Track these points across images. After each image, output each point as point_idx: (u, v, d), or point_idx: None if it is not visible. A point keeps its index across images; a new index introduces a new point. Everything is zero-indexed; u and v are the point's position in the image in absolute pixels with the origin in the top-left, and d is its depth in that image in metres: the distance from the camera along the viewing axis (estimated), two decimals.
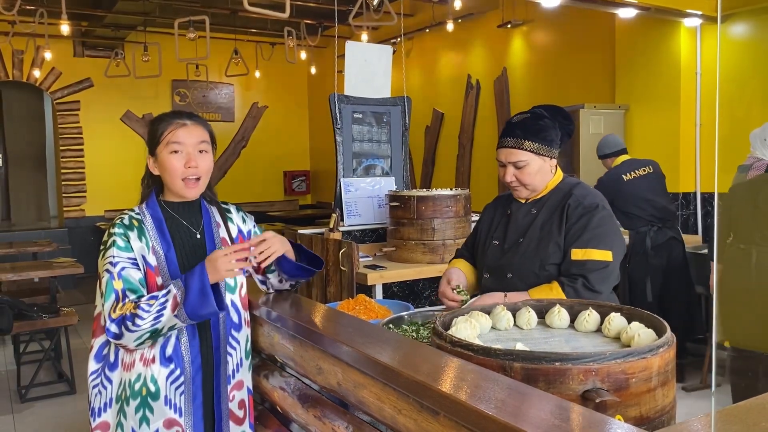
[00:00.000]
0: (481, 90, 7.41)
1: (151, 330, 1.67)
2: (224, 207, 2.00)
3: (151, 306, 1.67)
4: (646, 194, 4.54)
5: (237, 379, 1.89)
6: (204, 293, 1.66)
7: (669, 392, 1.44)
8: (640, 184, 4.56)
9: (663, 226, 4.53)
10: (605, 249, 2.01)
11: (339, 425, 1.62)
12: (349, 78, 4.32)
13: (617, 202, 4.51)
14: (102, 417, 1.81)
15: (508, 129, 2.13)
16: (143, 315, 1.66)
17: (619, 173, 4.60)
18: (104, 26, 8.17)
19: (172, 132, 1.82)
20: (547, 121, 2.12)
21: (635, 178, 4.57)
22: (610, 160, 4.74)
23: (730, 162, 4.32)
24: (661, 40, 5.30)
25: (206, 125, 1.91)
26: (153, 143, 1.86)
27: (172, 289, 1.69)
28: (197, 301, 1.66)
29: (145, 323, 1.66)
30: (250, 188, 10.08)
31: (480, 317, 1.72)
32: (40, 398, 4.51)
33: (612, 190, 4.50)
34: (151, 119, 1.93)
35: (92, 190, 9.21)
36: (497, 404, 1.11)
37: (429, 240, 3.73)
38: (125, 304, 1.69)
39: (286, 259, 1.94)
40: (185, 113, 1.89)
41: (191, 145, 1.83)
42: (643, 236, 4.51)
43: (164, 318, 1.67)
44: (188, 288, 1.67)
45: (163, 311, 1.67)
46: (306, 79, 10.57)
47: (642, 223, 4.52)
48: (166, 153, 1.82)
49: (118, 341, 1.71)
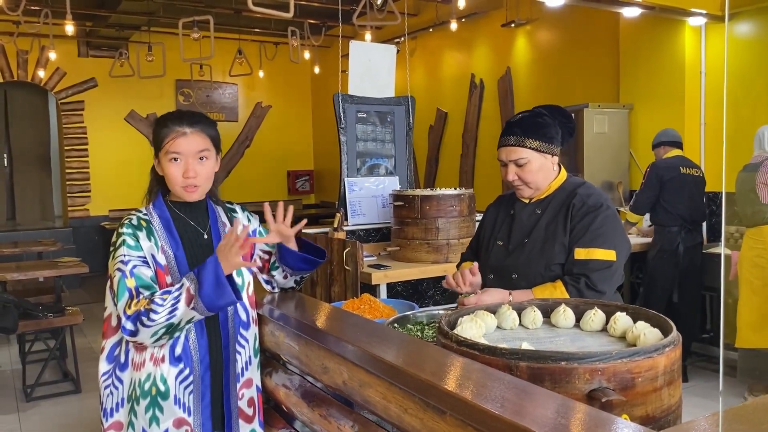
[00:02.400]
0: (485, 89, 7.40)
1: (166, 324, 1.67)
2: (229, 207, 2.00)
3: (165, 300, 1.67)
4: (692, 193, 4.53)
5: (246, 377, 1.89)
6: (219, 283, 1.66)
7: (675, 391, 1.44)
8: (691, 182, 4.55)
9: (693, 230, 4.53)
10: (609, 249, 2.00)
11: (344, 424, 1.62)
12: (353, 78, 4.32)
13: (663, 194, 4.50)
14: (114, 417, 1.81)
15: (508, 128, 2.13)
16: (157, 309, 1.66)
17: (677, 164, 4.57)
18: (108, 26, 8.18)
19: (172, 141, 1.80)
20: (546, 119, 2.12)
21: (690, 175, 4.56)
22: (664, 149, 4.70)
23: (737, 161, 4.32)
24: (665, 39, 5.28)
25: (208, 129, 1.87)
26: (156, 147, 1.86)
27: (185, 282, 1.69)
28: (213, 292, 1.66)
29: (160, 317, 1.66)
30: (253, 188, 10.08)
31: (485, 316, 1.72)
32: (45, 397, 4.52)
33: (667, 179, 4.50)
34: (155, 119, 1.92)
35: (96, 189, 9.23)
36: (503, 403, 1.11)
37: (433, 239, 3.72)
38: (139, 301, 1.69)
39: (289, 251, 1.95)
40: (187, 118, 1.85)
41: (190, 154, 1.81)
42: (674, 236, 4.48)
43: (179, 312, 1.67)
44: (202, 280, 1.67)
45: (177, 304, 1.67)
46: (310, 79, 10.58)
47: (675, 223, 4.49)
48: (166, 160, 1.82)
49: (134, 339, 1.70)
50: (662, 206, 4.54)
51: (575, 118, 5.25)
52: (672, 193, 4.50)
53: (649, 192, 4.58)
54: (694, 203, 4.54)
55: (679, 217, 4.49)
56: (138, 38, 8.65)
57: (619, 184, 5.46)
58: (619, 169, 5.55)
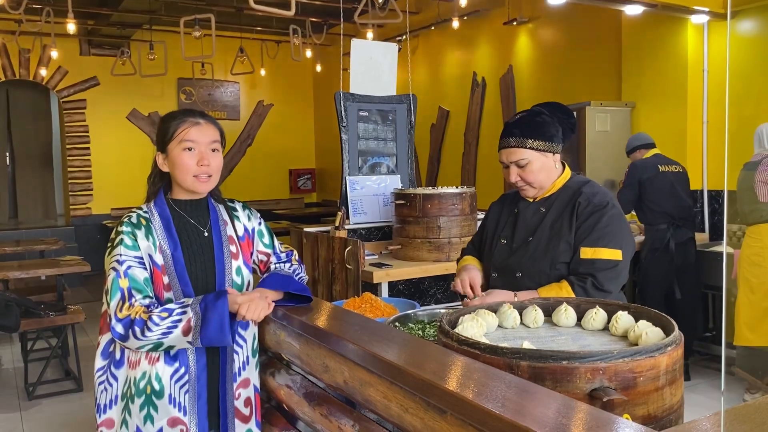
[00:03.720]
0: (487, 88, 7.39)
1: (156, 342, 1.69)
2: (230, 205, 2.00)
3: (164, 320, 1.68)
4: (675, 190, 4.54)
5: (243, 377, 1.89)
6: (222, 329, 1.68)
7: (677, 391, 1.43)
8: (672, 179, 4.56)
9: (683, 226, 4.52)
10: (615, 248, 1.99)
11: (345, 423, 1.62)
12: (355, 76, 4.31)
13: (646, 193, 4.52)
14: (107, 414, 1.82)
15: (507, 129, 2.12)
16: (152, 327, 1.67)
17: (656, 163, 4.60)
18: (110, 25, 8.19)
19: (186, 130, 1.82)
20: (545, 117, 2.10)
21: (669, 172, 4.58)
22: (640, 152, 4.74)
23: (739, 159, 4.30)
24: (668, 37, 5.27)
25: (218, 125, 1.92)
26: (164, 140, 1.85)
27: (189, 312, 1.69)
28: (215, 335, 1.69)
29: (153, 335, 1.67)
30: (255, 186, 10.09)
31: (487, 316, 1.72)
32: (47, 395, 4.53)
33: (645, 178, 4.51)
34: (162, 116, 1.93)
35: (98, 188, 9.24)
36: (504, 403, 1.11)
37: (435, 238, 3.72)
38: (133, 306, 1.69)
39: None
40: (197, 112, 1.90)
41: (204, 143, 1.84)
42: (663, 234, 4.49)
43: (173, 336, 1.68)
44: (209, 319, 1.68)
45: (173, 329, 1.68)
46: (311, 77, 10.57)
47: (663, 220, 4.50)
48: (178, 150, 1.82)
49: (123, 343, 1.72)
50: (647, 205, 4.56)
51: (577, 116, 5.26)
52: (654, 191, 4.52)
53: (627, 191, 4.63)
54: (678, 199, 4.54)
55: (666, 214, 4.51)
56: (140, 37, 8.65)
57: (621, 183, 5.45)
58: (621, 168, 5.52)
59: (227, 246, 1.89)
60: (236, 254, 1.90)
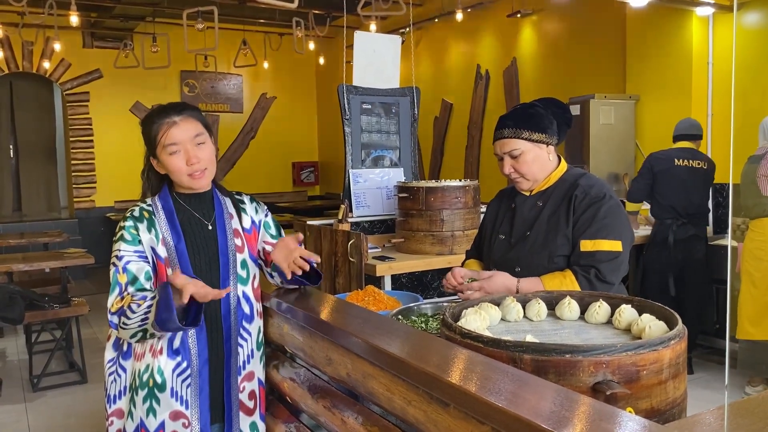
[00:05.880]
0: (491, 80, 7.37)
1: (141, 329, 1.67)
2: (238, 198, 1.99)
3: (140, 306, 1.66)
4: (686, 186, 4.47)
5: (248, 370, 1.89)
6: (168, 308, 1.59)
7: (680, 384, 1.43)
8: (685, 175, 4.48)
9: (688, 222, 4.47)
10: (615, 239, 2.00)
11: (348, 416, 1.62)
12: (358, 68, 4.30)
13: (657, 184, 4.49)
14: (117, 404, 1.83)
15: (501, 122, 2.15)
16: (131, 315, 1.67)
17: (672, 156, 4.54)
18: (113, 17, 8.18)
19: (165, 134, 1.78)
20: (538, 109, 2.13)
21: (685, 166, 4.50)
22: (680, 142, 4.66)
23: (744, 152, 4.29)
24: (672, 30, 5.24)
25: (197, 115, 1.85)
26: (151, 147, 1.83)
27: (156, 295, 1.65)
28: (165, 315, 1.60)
29: (132, 323, 1.67)
30: (258, 179, 10.09)
31: (489, 308, 1.72)
32: (51, 387, 4.56)
33: (658, 169, 4.48)
34: (140, 121, 1.87)
35: (102, 180, 9.26)
36: (507, 396, 1.11)
37: (438, 231, 3.72)
38: (123, 298, 1.71)
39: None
40: (171, 108, 1.83)
41: (188, 141, 1.80)
42: (666, 229, 4.46)
43: (149, 323, 1.66)
44: (158, 303, 1.62)
45: (149, 315, 1.65)
46: (314, 70, 10.55)
47: (668, 215, 4.47)
48: (165, 155, 1.80)
49: (119, 334, 1.75)
50: (656, 198, 4.54)
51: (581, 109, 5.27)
52: (664, 184, 4.48)
53: (640, 181, 4.60)
54: (688, 196, 4.47)
55: (671, 208, 4.47)
56: (142, 29, 8.64)
57: (625, 176, 5.44)
58: (625, 161, 5.52)
59: (232, 239, 1.88)
60: (241, 247, 1.90)
